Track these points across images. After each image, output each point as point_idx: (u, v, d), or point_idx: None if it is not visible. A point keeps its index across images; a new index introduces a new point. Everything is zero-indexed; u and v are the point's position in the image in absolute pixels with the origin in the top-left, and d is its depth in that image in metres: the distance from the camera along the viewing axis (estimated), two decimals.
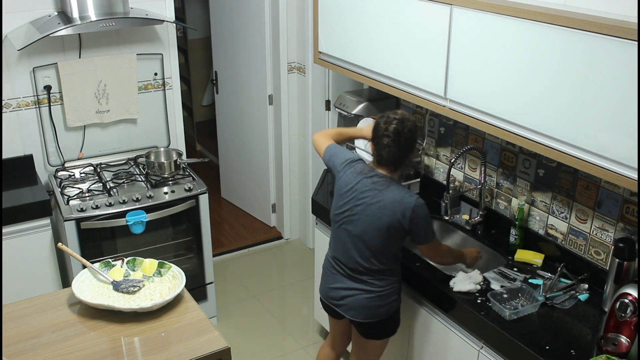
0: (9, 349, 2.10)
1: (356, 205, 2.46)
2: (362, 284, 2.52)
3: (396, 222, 2.38)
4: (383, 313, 2.55)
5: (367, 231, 2.44)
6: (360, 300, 2.53)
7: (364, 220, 2.44)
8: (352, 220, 2.48)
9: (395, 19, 2.67)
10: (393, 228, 2.40)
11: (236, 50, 4.55)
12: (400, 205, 2.37)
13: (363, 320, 2.56)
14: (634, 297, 2.10)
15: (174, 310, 2.33)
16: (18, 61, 3.28)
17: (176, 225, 3.43)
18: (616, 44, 1.83)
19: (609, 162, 1.97)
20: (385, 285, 2.51)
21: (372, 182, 2.44)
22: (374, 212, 2.41)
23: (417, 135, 2.45)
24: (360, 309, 2.54)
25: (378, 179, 2.43)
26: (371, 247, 2.45)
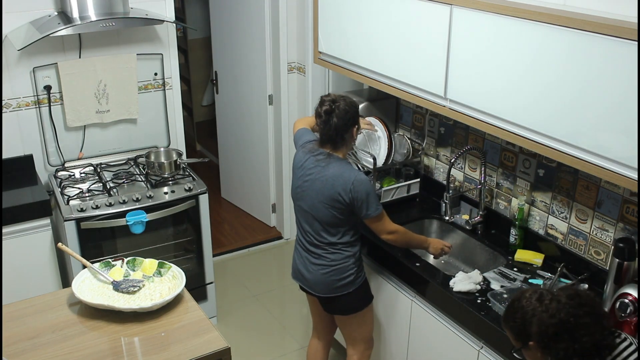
0: (9, 349, 2.10)
1: (305, 181, 2.61)
2: (317, 259, 2.65)
3: (337, 196, 2.51)
4: (342, 288, 2.65)
5: (314, 205, 2.58)
6: (319, 275, 2.65)
7: (311, 195, 2.59)
8: (303, 196, 2.63)
9: (395, 19, 2.67)
10: (335, 201, 2.52)
11: (236, 50, 4.55)
12: (339, 180, 2.50)
13: (323, 294, 2.69)
14: (633, 297, 2.10)
15: (174, 310, 2.33)
16: (18, 61, 3.28)
17: (176, 225, 3.43)
18: (616, 44, 1.83)
19: (609, 162, 1.97)
20: (339, 259, 2.62)
21: (316, 159, 2.59)
22: (318, 187, 2.56)
23: (350, 114, 2.53)
24: (320, 284, 2.67)
25: (321, 157, 2.58)
26: (319, 220, 2.58)
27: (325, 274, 2.64)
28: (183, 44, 6.13)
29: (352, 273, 2.65)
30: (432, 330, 2.64)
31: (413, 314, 2.73)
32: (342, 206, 2.53)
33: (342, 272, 2.63)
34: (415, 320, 2.73)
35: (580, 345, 1.65)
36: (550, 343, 1.69)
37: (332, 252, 2.63)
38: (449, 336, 2.54)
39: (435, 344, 2.65)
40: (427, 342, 2.69)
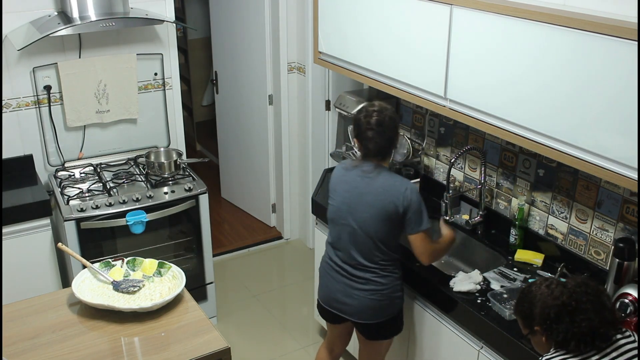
0: (9, 349, 2.10)
1: (351, 198, 2.47)
2: (366, 284, 2.50)
3: (392, 206, 2.39)
4: (390, 312, 2.54)
5: (366, 221, 2.43)
6: (367, 301, 2.51)
7: (361, 211, 2.44)
8: (351, 212, 2.47)
9: (396, 19, 2.67)
10: (390, 212, 2.40)
11: (236, 50, 4.55)
12: (394, 189, 2.40)
13: (371, 321, 2.55)
14: (633, 297, 2.10)
15: (174, 310, 2.33)
16: (18, 61, 3.28)
17: (176, 225, 3.43)
18: (616, 44, 1.83)
19: (609, 162, 1.97)
20: (389, 282, 2.51)
21: (361, 171, 2.47)
22: (369, 201, 2.42)
23: (397, 121, 2.49)
24: (366, 310, 2.53)
25: (368, 168, 2.46)
26: (373, 237, 2.43)
27: (374, 299, 2.49)
28: (183, 44, 6.13)
29: (399, 295, 2.54)
30: (432, 330, 2.64)
31: (413, 314, 2.73)
32: (397, 217, 2.40)
33: (391, 295, 2.51)
34: (416, 320, 2.73)
35: (579, 330, 1.70)
36: (552, 325, 1.74)
37: (383, 275, 2.48)
38: (449, 336, 2.54)
39: (435, 344, 2.64)
40: (427, 342, 2.69)
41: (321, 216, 3.29)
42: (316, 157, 4.25)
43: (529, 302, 1.81)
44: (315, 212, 3.34)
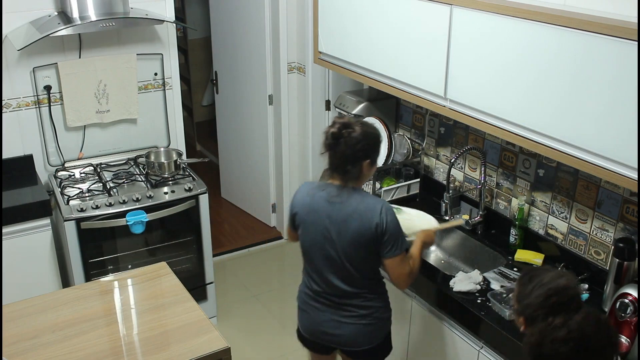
0: (9, 349, 2.10)
1: (324, 227, 2.23)
2: (355, 310, 2.32)
3: (370, 232, 2.16)
4: (381, 335, 2.41)
5: (344, 249, 2.21)
6: (359, 327, 2.34)
7: (339, 240, 2.21)
8: (327, 243, 2.24)
9: (396, 19, 2.67)
10: (369, 238, 2.17)
11: (236, 50, 4.55)
12: (369, 212, 2.17)
13: (363, 348, 2.38)
14: (633, 297, 2.10)
15: (174, 310, 2.34)
16: (18, 61, 3.28)
17: (176, 225, 3.43)
18: (616, 44, 1.83)
19: (609, 162, 1.97)
20: (378, 303, 2.35)
21: (328, 196, 2.22)
22: (345, 228, 2.19)
23: (364, 145, 2.16)
24: (358, 337, 2.36)
25: (334, 191, 2.22)
26: (355, 266, 2.23)
27: (366, 324, 2.32)
28: (183, 44, 6.13)
29: (388, 314, 2.39)
30: (432, 330, 2.64)
31: (413, 314, 2.73)
32: (373, 242, 2.18)
33: (382, 316, 2.36)
34: (415, 320, 2.73)
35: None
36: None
37: (371, 298, 2.31)
38: (449, 336, 2.54)
39: (435, 344, 2.64)
40: (427, 342, 2.69)
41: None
42: (316, 157, 4.25)
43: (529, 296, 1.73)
44: None
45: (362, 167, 2.20)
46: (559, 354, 1.62)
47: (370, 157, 2.21)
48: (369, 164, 2.21)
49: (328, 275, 2.29)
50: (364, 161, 2.19)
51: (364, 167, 2.20)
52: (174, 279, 2.56)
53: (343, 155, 2.17)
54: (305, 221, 2.29)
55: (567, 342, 1.61)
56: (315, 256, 2.30)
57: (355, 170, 2.19)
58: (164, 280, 2.56)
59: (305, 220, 2.29)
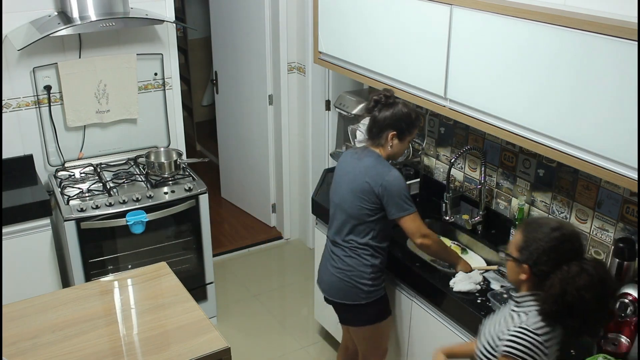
0: (9, 349, 2.10)
1: (339, 176, 2.60)
2: (334, 260, 2.60)
3: (367, 186, 2.45)
4: (353, 296, 2.56)
5: (344, 196, 2.54)
6: (333, 278, 2.60)
7: (343, 187, 2.55)
8: (336, 189, 2.61)
9: (396, 19, 2.67)
10: (365, 192, 2.46)
11: (236, 50, 4.55)
12: (372, 171, 2.45)
13: (335, 299, 2.62)
14: (634, 297, 2.10)
15: (174, 310, 2.34)
16: (18, 61, 3.28)
17: (176, 225, 3.43)
18: (616, 44, 1.83)
19: (608, 162, 1.97)
20: (355, 265, 2.54)
21: (354, 151, 2.59)
22: (350, 177, 2.52)
23: (396, 119, 2.46)
24: (333, 288, 2.62)
25: (359, 149, 2.57)
26: (348, 213, 2.52)
27: (338, 277, 2.58)
28: (183, 44, 6.13)
29: (367, 284, 2.54)
30: (432, 330, 2.64)
31: (413, 314, 2.73)
32: (372, 197, 2.45)
33: (356, 279, 2.54)
34: (415, 320, 2.73)
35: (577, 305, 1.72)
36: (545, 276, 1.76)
37: (349, 256, 2.55)
38: (449, 336, 2.54)
39: (435, 344, 2.64)
40: (427, 342, 2.69)
41: (321, 216, 3.29)
42: (316, 157, 4.25)
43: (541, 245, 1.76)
44: (315, 212, 3.34)
45: (388, 136, 2.48)
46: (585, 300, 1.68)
47: (396, 129, 2.48)
48: (394, 135, 2.49)
49: (331, 222, 2.63)
50: (390, 131, 2.48)
51: (390, 136, 2.48)
52: (174, 279, 2.56)
53: (374, 119, 2.49)
54: (336, 169, 2.68)
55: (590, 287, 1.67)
56: (331, 201, 2.65)
57: (380, 136, 2.49)
58: (164, 280, 2.56)
59: (336, 170, 2.67)
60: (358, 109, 3.36)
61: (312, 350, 3.57)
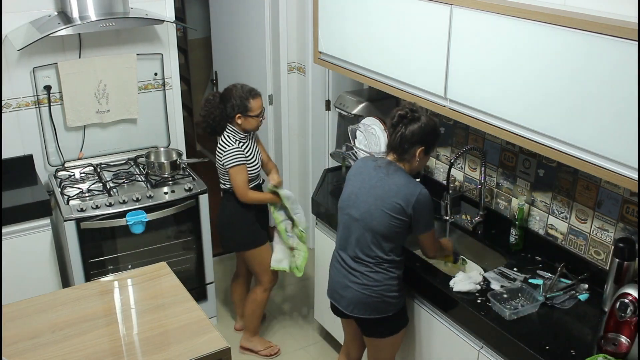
0: (9, 349, 2.10)
1: (361, 189, 2.49)
2: (359, 277, 2.51)
3: (399, 207, 2.39)
4: (382, 311, 2.53)
5: (370, 212, 2.44)
6: (359, 295, 2.51)
7: (368, 201, 2.45)
8: (356, 202, 2.49)
9: (395, 19, 2.67)
10: (397, 210, 2.39)
11: (236, 50, 4.55)
12: (404, 189, 2.39)
13: (362, 316, 2.55)
14: (634, 297, 2.10)
15: (174, 310, 2.34)
16: (18, 61, 3.28)
17: (176, 225, 3.43)
18: (616, 44, 1.83)
19: (608, 162, 1.97)
20: (382, 280, 2.49)
21: (376, 164, 2.49)
22: (379, 193, 2.43)
23: (423, 134, 2.41)
24: (358, 304, 2.53)
25: (383, 163, 2.47)
26: (373, 229, 2.43)
27: (366, 294, 2.50)
28: (183, 44, 6.13)
29: (394, 296, 2.52)
30: (432, 330, 2.64)
31: (413, 314, 2.73)
32: (403, 217, 2.40)
33: (385, 294, 2.50)
34: (416, 320, 2.73)
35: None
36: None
37: (376, 272, 2.48)
38: (449, 336, 2.54)
39: (435, 344, 2.65)
40: (427, 342, 2.69)
41: (321, 216, 3.29)
42: (316, 157, 4.25)
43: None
44: (315, 212, 3.34)
45: (416, 152, 2.43)
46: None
47: (424, 144, 2.44)
48: (422, 151, 2.44)
49: (348, 236, 2.52)
50: (419, 147, 2.43)
51: (418, 152, 2.44)
52: (174, 279, 2.56)
53: (402, 136, 2.40)
54: (349, 179, 2.58)
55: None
56: (344, 214, 2.56)
57: (410, 152, 2.43)
58: (164, 280, 2.56)
59: (350, 179, 2.58)
60: (358, 109, 3.36)
61: (312, 350, 3.57)
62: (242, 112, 3.08)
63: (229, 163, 3.08)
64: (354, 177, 2.56)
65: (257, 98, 3.11)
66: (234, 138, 3.11)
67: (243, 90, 3.09)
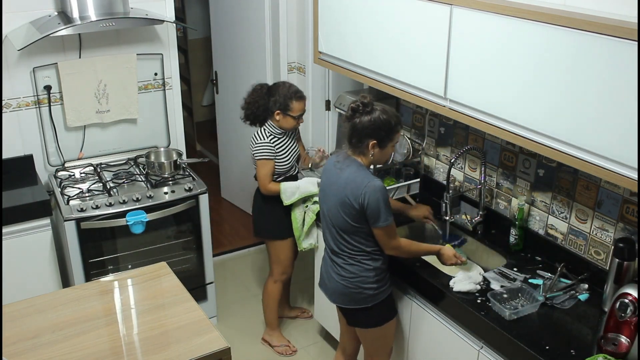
0: (10, 349, 2.10)
1: (324, 185, 2.60)
2: (336, 268, 2.59)
3: (347, 200, 2.43)
4: (360, 300, 2.57)
5: (330, 209, 2.53)
6: (338, 285, 2.59)
7: (329, 199, 2.54)
8: (324, 199, 2.60)
9: (395, 19, 2.67)
10: (345, 206, 2.44)
11: (236, 50, 4.55)
12: (351, 184, 2.42)
13: (342, 305, 2.64)
14: (633, 297, 2.10)
15: (174, 310, 2.34)
16: (18, 61, 3.28)
17: (176, 225, 3.43)
18: (616, 44, 1.83)
19: (608, 162, 1.97)
20: (357, 272, 2.53)
21: (335, 160, 2.55)
22: (334, 191, 2.51)
23: (375, 128, 2.41)
24: (337, 295, 2.62)
25: (340, 158, 2.52)
26: (336, 226, 2.52)
27: (342, 284, 2.57)
28: (183, 44, 6.13)
29: (372, 287, 2.54)
30: (432, 330, 2.64)
31: (413, 314, 2.73)
32: (353, 212, 2.43)
33: (360, 285, 2.54)
34: (415, 320, 2.73)
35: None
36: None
37: (350, 264, 2.54)
38: (449, 336, 2.54)
39: (435, 344, 2.65)
40: (427, 342, 2.69)
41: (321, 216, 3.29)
42: None
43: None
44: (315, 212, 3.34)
45: (368, 145, 2.44)
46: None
47: (376, 138, 2.44)
48: (374, 144, 2.45)
49: (325, 229, 2.64)
50: (370, 140, 2.44)
51: (369, 145, 2.44)
52: (174, 279, 2.56)
53: (353, 128, 2.45)
54: (322, 176, 2.66)
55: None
56: (321, 211, 2.65)
57: (360, 145, 2.46)
58: (164, 280, 2.56)
59: (322, 177, 2.66)
60: None
61: (312, 350, 3.57)
62: (282, 110, 3.10)
63: (256, 155, 3.14)
64: (324, 174, 2.63)
65: (300, 100, 3.13)
66: (268, 132, 3.15)
67: (290, 89, 3.12)
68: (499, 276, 2.57)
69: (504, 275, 2.58)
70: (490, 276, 2.56)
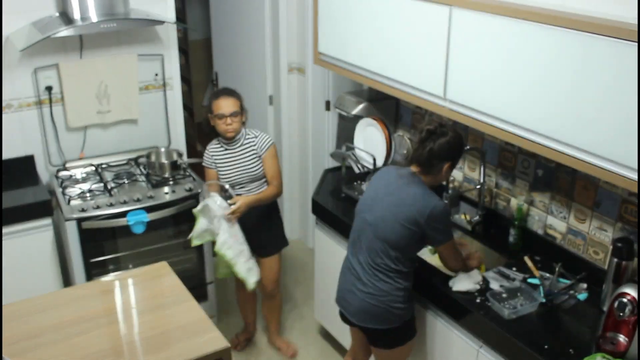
0: (10, 349, 2.11)
1: (378, 194, 2.48)
2: (365, 286, 2.47)
3: (413, 218, 2.35)
4: (387, 320, 2.49)
5: (384, 217, 2.42)
6: (364, 304, 2.48)
7: (383, 207, 2.43)
8: (372, 207, 2.47)
9: (395, 20, 2.68)
10: (410, 221, 2.36)
11: (236, 51, 4.56)
12: (420, 202, 2.36)
13: (368, 325, 2.52)
14: (632, 296, 2.10)
15: (174, 310, 2.35)
16: (20, 62, 3.29)
17: (177, 225, 3.44)
18: (615, 45, 1.84)
19: (607, 162, 1.98)
20: (388, 290, 2.44)
21: (399, 173, 2.47)
22: (394, 201, 2.41)
23: (452, 150, 2.40)
24: (363, 313, 2.50)
25: (405, 173, 2.45)
26: (383, 237, 2.41)
27: (371, 303, 2.46)
28: (184, 45, 6.13)
29: (400, 307, 2.46)
30: (431, 330, 2.65)
31: None
32: (413, 228, 2.36)
33: (390, 304, 2.45)
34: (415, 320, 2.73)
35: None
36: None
37: (383, 281, 2.43)
38: (448, 335, 2.55)
39: (435, 343, 2.65)
40: (426, 341, 2.70)
41: (321, 216, 3.30)
42: (316, 157, 4.26)
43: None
44: (315, 212, 3.35)
45: (443, 167, 2.42)
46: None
47: (451, 159, 2.43)
48: (449, 166, 2.43)
49: (361, 241, 2.50)
50: (446, 162, 2.41)
51: (445, 167, 2.42)
52: (175, 278, 2.57)
53: (431, 151, 2.39)
54: (371, 184, 2.59)
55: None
56: (360, 218, 2.53)
57: (437, 167, 2.41)
58: (165, 279, 2.57)
59: (372, 183, 2.58)
60: (358, 110, 3.37)
61: (312, 350, 3.58)
62: (211, 114, 3.10)
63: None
64: (375, 182, 2.55)
65: (218, 98, 3.07)
66: (215, 140, 3.19)
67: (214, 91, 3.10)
68: (498, 276, 2.58)
69: (503, 274, 2.58)
70: (489, 276, 2.57)
